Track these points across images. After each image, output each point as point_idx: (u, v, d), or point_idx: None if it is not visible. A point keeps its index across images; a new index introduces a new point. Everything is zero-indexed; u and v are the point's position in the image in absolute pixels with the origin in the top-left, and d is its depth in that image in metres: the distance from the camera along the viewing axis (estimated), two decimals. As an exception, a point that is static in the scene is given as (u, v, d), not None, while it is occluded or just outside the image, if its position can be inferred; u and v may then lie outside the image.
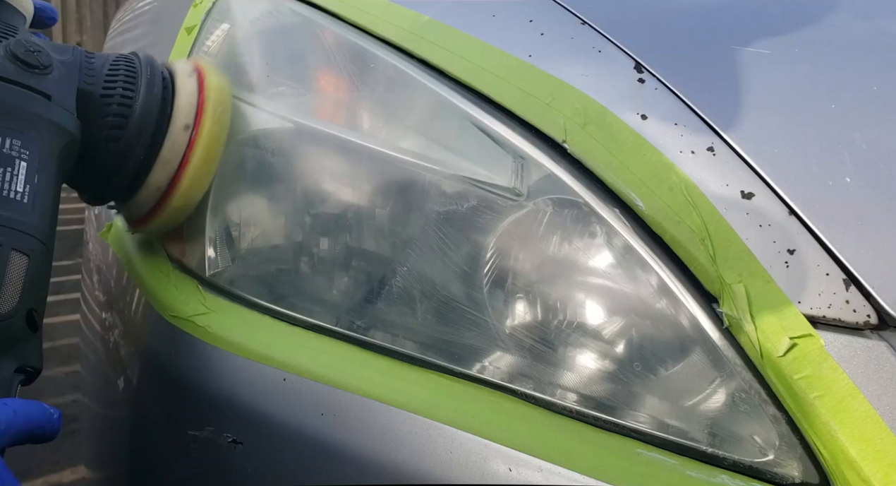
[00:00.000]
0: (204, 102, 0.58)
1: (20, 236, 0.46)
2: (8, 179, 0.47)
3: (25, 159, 0.48)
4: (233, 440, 0.56)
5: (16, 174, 0.47)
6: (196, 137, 0.57)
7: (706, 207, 0.49)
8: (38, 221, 0.48)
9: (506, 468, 0.48)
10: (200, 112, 0.58)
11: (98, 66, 0.57)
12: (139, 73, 0.58)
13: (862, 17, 0.70)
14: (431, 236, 0.56)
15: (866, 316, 0.46)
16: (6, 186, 0.47)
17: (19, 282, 0.46)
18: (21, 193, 0.47)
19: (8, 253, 0.45)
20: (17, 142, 0.48)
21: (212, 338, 0.59)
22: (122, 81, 0.56)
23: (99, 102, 0.55)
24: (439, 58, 0.59)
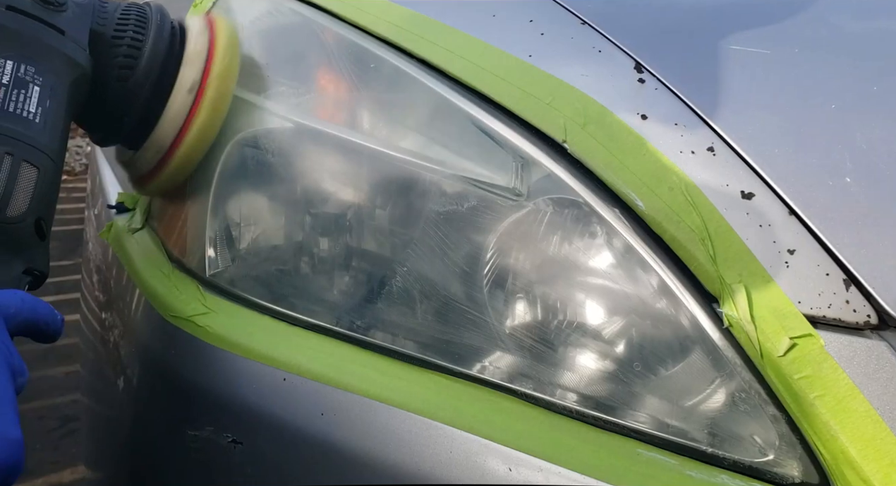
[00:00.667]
0: (211, 66, 0.60)
1: (31, 150, 0.50)
2: (21, 99, 0.50)
3: (38, 85, 0.52)
4: (233, 440, 0.56)
5: (29, 96, 0.51)
6: (199, 101, 0.60)
7: (706, 207, 0.49)
8: (49, 139, 0.51)
9: (506, 467, 0.48)
10: (206, 75, 0.60)
11: (111, 10, 0.60)
12: (149, 19, 0.61)
13: (862, 18, 0.70)
14: (431, 236, 0.56)
15: (866, 316, 0.46)
16: (20, 106, 0.50)
17: (29, 191, 0.49)
18: (33, 113, 0.51)
19: (19, 163, 0.49)
20: (32, 68, 0.52)
21: (212, 338, 0.59)
22: (133, 25, 0.59)
23: (110, 42, 0.58)
24: (439, 58, 0.59)
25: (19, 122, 0.50)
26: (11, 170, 0.49)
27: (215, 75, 0.60)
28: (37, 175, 0.50)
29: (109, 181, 1.01)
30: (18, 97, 0.51)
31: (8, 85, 0.50)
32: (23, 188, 0.49)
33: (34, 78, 0.52)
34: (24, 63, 0.52)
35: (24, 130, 0.50)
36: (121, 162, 0.68)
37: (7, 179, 0.48)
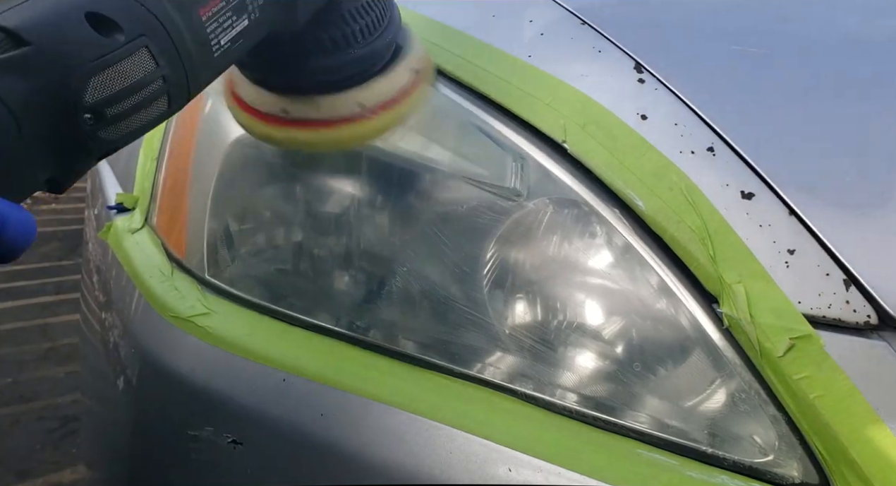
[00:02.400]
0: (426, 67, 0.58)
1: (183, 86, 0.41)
2: (226, 26, 0.43)
3: (251, 19, 0.44)
4: (233, 441, 0.56)
5: (234, 26, 0.43)
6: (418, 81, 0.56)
7: (706, 207, 0.49)
8: (206, 80, 0.44)
9: (506, 468, 0.48)
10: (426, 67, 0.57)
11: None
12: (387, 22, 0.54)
13: (862, 17, 0.70)
14: (431, 236, 0.56)
15: (866, 316, 0.46)
16: (218, 33, 0.42)
17: (141, 123, 0.40)
18: (221, 47, 0.43)
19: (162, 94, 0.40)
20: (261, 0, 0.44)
21: (212, 338, 0.59)
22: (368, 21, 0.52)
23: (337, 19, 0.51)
24: (439, 58, 0.59)
25: (203, 50, 0.42)
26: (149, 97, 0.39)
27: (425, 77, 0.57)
28: (161, 112, 0.41)
29: (109, 181, 1.01)
30: (226, 22, 0.42)
31: (229, 3, 0.42)
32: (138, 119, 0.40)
33: (254, 10, 0.44)
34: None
35: (198, 62, 0.42)
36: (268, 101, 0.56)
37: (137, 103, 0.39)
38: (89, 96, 0.36)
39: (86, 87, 0.36)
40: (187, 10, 0.40)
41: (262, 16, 0.44)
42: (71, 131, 0.37)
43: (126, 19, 0.38)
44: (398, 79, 0.55)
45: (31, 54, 0.35)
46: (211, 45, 0.42)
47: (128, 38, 0.37)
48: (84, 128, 0.37)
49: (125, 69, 0.38)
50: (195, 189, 0.66)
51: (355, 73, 0.53)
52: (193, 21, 0.40)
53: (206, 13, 0.41)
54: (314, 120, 0.54)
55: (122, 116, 0.38)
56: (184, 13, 0.40)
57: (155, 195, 0.74)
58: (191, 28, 0.40)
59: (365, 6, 0.52)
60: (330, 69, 0.52)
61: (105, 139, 0.39)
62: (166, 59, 0.39)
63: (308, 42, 0.51)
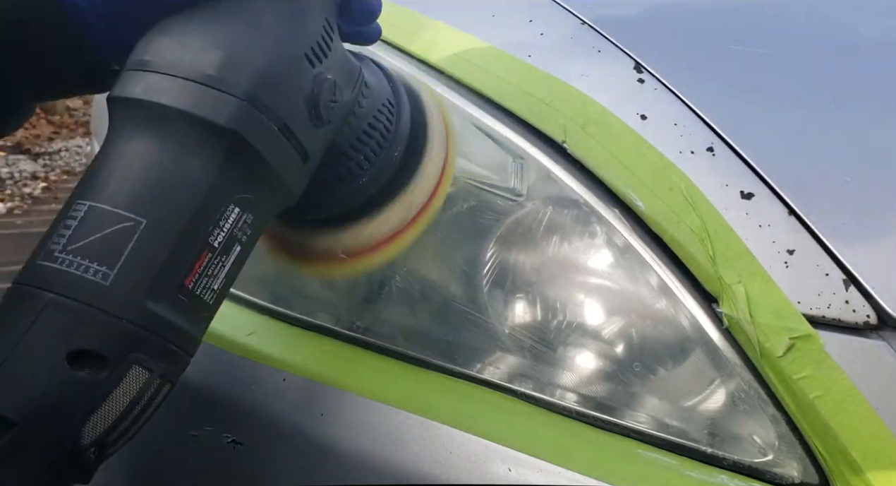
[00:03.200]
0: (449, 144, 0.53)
1: (184, 363, 0.38)
2: (215, 273, 0.37)
3: (241, 243, 0.38)
4: (232, 441, 0.56)
5: (224, 266, 0.37)
6: (445, 172, 0.51)
7: (706, 207, 0.49)
8: (203, 332, 0.39)
9: (505, 468, 0.48)
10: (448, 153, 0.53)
11: (363, 114, 0.46)
12: (392, 139, 0.47)
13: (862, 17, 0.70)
14: (431, 236, 0.56)
15: (866, 316, 0.46)
16: (208, 285, 0.37)
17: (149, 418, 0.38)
18: (214, 292, 0.38)
19: (162, 387, 0.36)
20: (250, 218, 0.38)
21: (212, 338, 0.59)
22: (372, 146, 0.46)
23: (335, 159, 0.45)
24: (439, 58, 0.59)
25: (195, 313, 0.37)
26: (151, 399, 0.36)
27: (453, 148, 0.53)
28: (167, 394, 0.37)
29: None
30: (215, 269, 0.37)
31: (217, 250, 0.36)
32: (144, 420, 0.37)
33: (244, 233, 0.38)
34: (248, 211, 0.38)
35: (191, 328, 0.37)
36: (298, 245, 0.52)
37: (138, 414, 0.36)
38: (86, 438, 0.34)
39: (81, 431, 0.34)
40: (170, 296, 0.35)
41: (253, 230, 0.39)
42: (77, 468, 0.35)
43: (111, 347, 0.33)
44: (426, 181, 0.50)
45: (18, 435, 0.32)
46: (203, 302, 0.37)
47: (114, 363, 0.33)
48: (89, 459, 0.35)
49: (120, 396, 0.34)
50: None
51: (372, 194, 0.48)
52: (179, 301, 0.36)
53: (191, 280, 0.36)
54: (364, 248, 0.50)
55: (125, 431, 0.36)
56: (166, 302, 0.35)
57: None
58: (178, 311, 0.36)
59: (368, 129, 0.46)
60: (341, 202, 0.47)
61: (111, 453, 0.36)
62: (160, 359, 0.35)
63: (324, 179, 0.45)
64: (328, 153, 0.44)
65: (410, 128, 0.49)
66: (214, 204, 0.36)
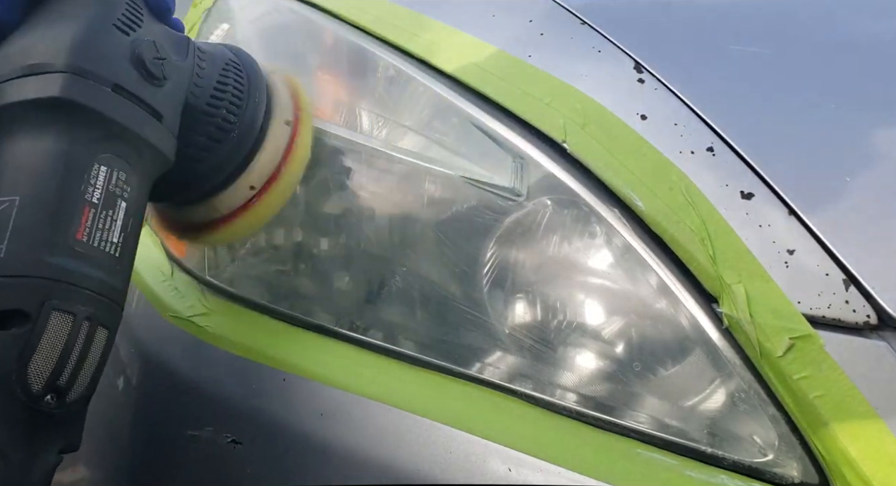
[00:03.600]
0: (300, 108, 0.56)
1: (106, 306, 0.41)
2: (108, 226, 0.41)
3: (125, 199, 0.43)
4: (233, 440, 0.56)
5: (115, 219, 0.42)
6: (297, 130, 0.55)
7: (706, 207, 0.49)
8: (123, 282, 0.43)
9: (505, 468, 0.48)
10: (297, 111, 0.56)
11: (208, 74, 0.50)
12: (246, 92, 0.52)
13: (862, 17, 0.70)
14: (431, 236, 0.56)
15: (866, 316, 0.46)
16: (104, 237, 0.41)
17: (95, 363, 0.41)
18: (115, 245, 0.42)
19: (95, 329, 0.40)
20: (123, 175, 0.43)
21: (212, 338, 0.59)
22: (230, 98, 0.51)
23: (198, 118, 0.49)
24: (439, 58, 0.59)
25: (101, 265, 0.41)
26: (86, 343, 0.40)
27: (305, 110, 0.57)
28: (105, 339, 0.41)
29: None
30: (105, 222, 0.41)
31: (98, 205, 0.41)
32: (91, 363, 0.40)
33: (123, 190, 0.42)
34: (116, 168, 0.42)
35: (105, 277, 0.41)
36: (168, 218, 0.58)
37: (79, 356, 0.39)
38: (35, 385, 0.37)
39: (26, 381, 0.37)
40: (66, 249, 0.39)
41: (133, 186, 0.43)
42: (40, 418, 0.38)
43: (24, 300, 0.37)
44: (276, 142, 0.53)
45: None
46: (105, 253, 0.41)
47: (34, 315, 0.37)
48: (51, 408, 0.38)
49: (50, 342, 0.38)
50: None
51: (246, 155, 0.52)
52: (77, 252, 0.39)
53: (83, 234, 0.40)
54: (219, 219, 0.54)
55: (75, 374, 0.39)
56: (64, 255, 0.39)
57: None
58: (79, 258, 0.39)
59: (219, 87, 0.50)
60: (221, 165, 0.51)
61: (75, 399, 0.40)
62: (78, 303, 0.39)
63: (188, 153, 0.49)
64: (190, 114, 0.48)
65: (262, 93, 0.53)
66: (77, 167, 0.40)
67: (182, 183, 0.51)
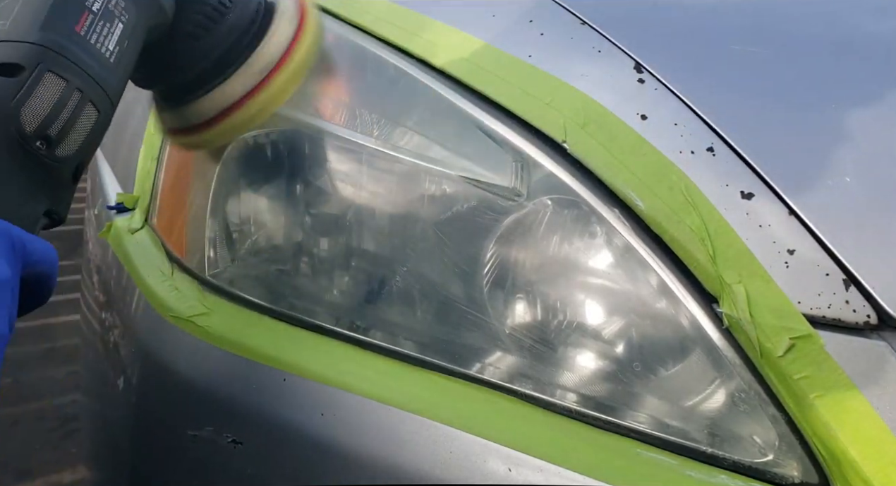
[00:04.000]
0: (304, 21, 0.60)
1: (99, 92, 0.48)
2: (104, 33, 0.48)
3: (123, 22, 0.49)
4: (233, 440, 0.56)
5: (112, 32, 0.49)
6: (302, 27, 0.59)
7: (706, 207, 0.49)
8: (116, 82, 0.49)
9: (505, 468, 0.48)
10: (300, 29, 0.59)
11: None
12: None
13: (862, 17, 0.70)
14: (431, 236, 0.56)
15: (866, 316, 0.46)
16: (100, 40, 0.48)
17: (84, 133, 0.47)
18: (111, 51, 0.49)
19: (85, 103, 0.47)
20: (122, 3, 0.49)
21: (212, 338, 0.59)
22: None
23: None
24: (439, 58, 0.59)
25: (97, 57, 0.48)
26: (76, 109, 0.46)
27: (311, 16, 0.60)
28: (95, 118, 0.48)
29: (109, 181, 1.01)
30: (102, 30, 0.48)
31: (97, 14, 0.48)
32: (79, 130, 0.47)
33: (122, 13, 0.49)
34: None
35: (99, 68, 0.47)
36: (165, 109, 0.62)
37: (69, 117, 0.46)
38: (28, 126, 0.43)
39: (20, 120, 0.43)
40: (63, 29, 0.46)
41: (131, 16, 0.50)
42: (32, 160, 0.44)
43: (20, 57, 0.44)
44: (279, 36, 0.58)
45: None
46: (102, 53, 0.48)
47: (30, 70, 0.44)
48: (41, 153, 0.45)
49: (43, 94, 0.44)
50: (195, 189, 0.66)
51: (241, 45, 0.57)
52: (74, 37, 0.46)
53: (81, 28, 0.47)
54: (228, 108, 0.58)
55: (64, 131, 0.46)
56: (61, 33, 0.46)
57: (155, 195, 0.74)
58: (74, 42, 0.46)
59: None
60: (216, 46, 0.56)
61: (64, 156, 0.46)
62: (71, 74, 0.46)
63: (186, 29, 0.56)
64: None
65: None
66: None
67: (187, 66, 0.57)
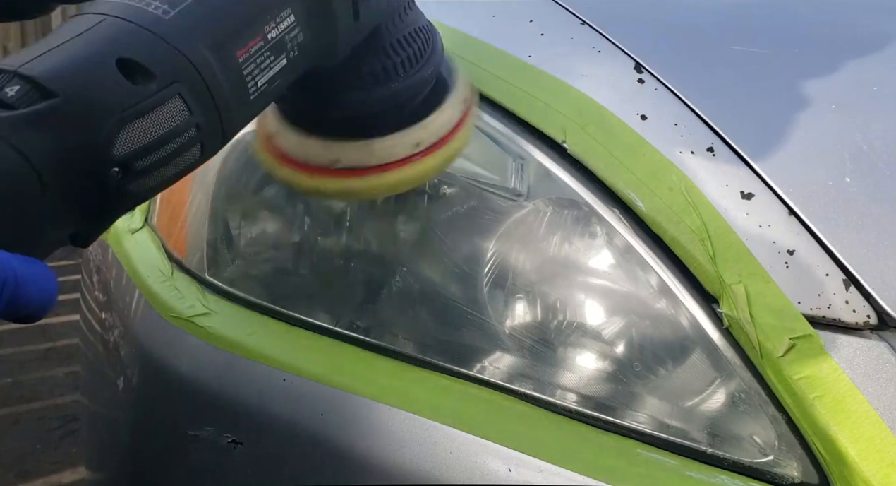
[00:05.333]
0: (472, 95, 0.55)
1: (216, 133, 0.39)
2: (264, 67, 0.40)
3: (289, 57, 0.42)
4: (233, 440, 0.56)
5: (271, 67, 0.41)
6: (467, 113, 0.54)
7: (706, 207, 0.49)
8: (239, 125, 0.41)
9: (506, 468, 0.48)
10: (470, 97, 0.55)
11: (409, 21, 0.50)
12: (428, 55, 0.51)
13: (862, 17, 0.70)
14: (431, 236, 0.56)
15: (866, 316, 0.46)
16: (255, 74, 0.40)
17: (171, 174, 0.38)
18: (258, 88, 0.40)
19: (194, 143, 0.38)
20: (300, 36, 0.42)
21: (212, 338, 0.59)
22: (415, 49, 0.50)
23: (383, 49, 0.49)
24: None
25: (238, 93, 0.39)
26: (181, 147, 0.37)
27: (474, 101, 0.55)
28: (193, 162, 0.39)
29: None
30: (264, 62, 0.40)
31: (269, 42, 0.40)
32: (168, 170, 0.37)
33: (293, 48, 0.42)
34: (300, 26, 0.42)
35: (233, 106, 0.39)
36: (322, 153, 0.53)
37: (169, 154, 0.37)
38: (118, 149, 0.34)
39: (115, 139, 0.34)
40: (225, 51, 0.38)
41: (301, 53, 0.42)
42: (97, 187, 0.35)
43: (159, 65, 0.35)
44: (450, 113, 0.52)
45: (57, 106, 0.32)
46: (248, 88, 0.39)
47: (160, 85, 0.35)
48: (112, 182, 0.35)
49: (157, 119, 0.35)
50: (195, 189, 0.66)
51: (402, 109, 0.51)
52: (230, 63, 0.38)
53: (243, 54, 0.39)
54: (368, 166, 0.51)
55: (152, 167, 0.36)
56: (220, 54, 0.37)
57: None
58: (227, 70, 0.38)
59: (408, 37, 0.50)
60: (368, 103, 0.49)
61: (133, 192, 0.36)
62: (201, 107, 0.37)
63: (346, 76, 0.48)
64: (371, 42, 0.48)
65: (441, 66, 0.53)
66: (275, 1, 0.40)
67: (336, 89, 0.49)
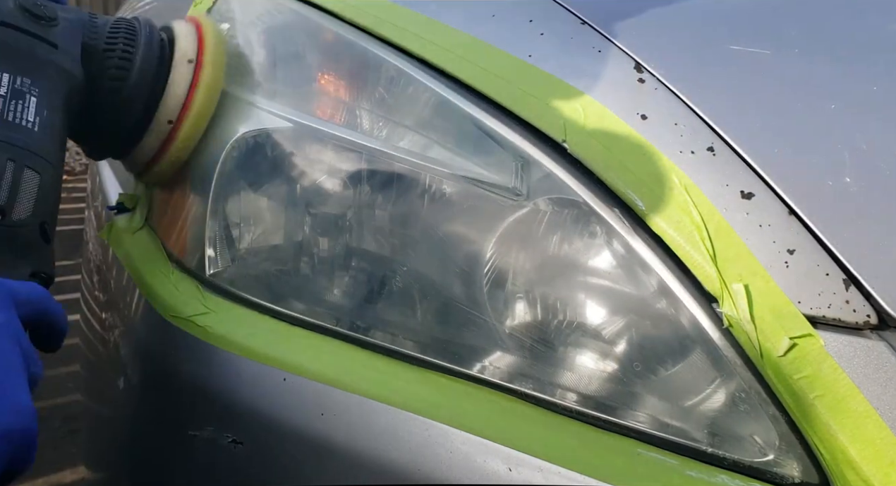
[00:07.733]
0: (203, 42, 0.65)
1: (32, 157, 0.52)
2: (19, 109, 0.53)
3: (35, 95, 0.54)
4: (233, 440, 0.56)
5: (26, 107, 0.53)
6: (201, 65, 0.64)
7: (706, 207, 0.49)
8: (48, 146, 0.54)
9: (506, 467, 0.48)
10: (201, 49, 0.65)
11: (101, 24, 0.62)
12: (138, 31, 0.63)
13: (862, 17, 0.70)
14: (431, 236, 0.56)
15: (866, 316, 0.46)
16: (18, 116, 0.52)
17: (32, 195, 0.51)
18: (32, 122, 0.53)
19: (22, 169, 0.51)
20: (27, 80, 0.54)
21: (212, 338, 0.59)
22: (123, 37, 0.62)
23: (101, 55, 0.61)
24: (439, 58, 0.59)
25: (19, 130, 0.52)
26: (14, 175, 0.50)
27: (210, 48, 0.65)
28: (39, 180, 0.52)
29: (109, 181, 1.01)
30: (16, 107, 0.53)
31: (6, 96, 0.52)
32: (26, 193, 0.51)
33: (30, 89, 0.54)
34: (19, 75, 0.54)
35: (25, 138, 0.52)
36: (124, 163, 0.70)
37: (11, 184, 0.50)
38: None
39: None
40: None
41: (41, 88, 0.54)
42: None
43: None
44: (181, 78, 0.63)
45: None
46: (24, 126, 0.52)
47: None
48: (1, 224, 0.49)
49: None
50: (195, 189, 0.66)
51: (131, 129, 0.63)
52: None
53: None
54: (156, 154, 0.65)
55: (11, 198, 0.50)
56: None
57: (155, 195, 0.74)
58: None
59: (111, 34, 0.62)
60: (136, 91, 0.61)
61: (21, 220, 0.50)
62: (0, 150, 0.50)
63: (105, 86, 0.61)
64: (94, 52, 0.60)
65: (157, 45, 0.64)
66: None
67: (114, 119, 0.63)
